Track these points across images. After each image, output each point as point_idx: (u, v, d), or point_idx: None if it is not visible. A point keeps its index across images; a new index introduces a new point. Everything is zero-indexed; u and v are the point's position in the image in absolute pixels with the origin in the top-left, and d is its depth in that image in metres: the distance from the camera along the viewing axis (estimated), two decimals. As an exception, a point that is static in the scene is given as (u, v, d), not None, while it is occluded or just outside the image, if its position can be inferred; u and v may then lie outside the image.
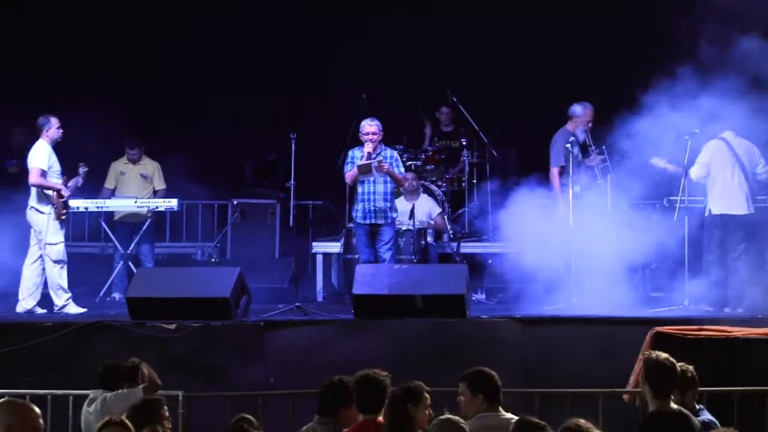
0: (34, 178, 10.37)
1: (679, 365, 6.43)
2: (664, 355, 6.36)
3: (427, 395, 6.00)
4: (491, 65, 13.14)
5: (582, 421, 5.27)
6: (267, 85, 13.68)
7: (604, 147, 10.66)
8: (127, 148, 12.24)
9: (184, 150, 12.97)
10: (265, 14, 13.73)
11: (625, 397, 8.05)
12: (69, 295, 10.36)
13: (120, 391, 7.00)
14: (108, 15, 13.43)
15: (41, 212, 10.37)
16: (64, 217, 10.42)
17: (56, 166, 10.48)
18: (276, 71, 13.63)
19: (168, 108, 13.28)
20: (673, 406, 6.22)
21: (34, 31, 13.48)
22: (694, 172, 10.22)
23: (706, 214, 10.21)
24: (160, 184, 12.25)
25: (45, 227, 10.35)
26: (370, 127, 10.53)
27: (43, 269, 10.37)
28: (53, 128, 10.45)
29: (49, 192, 10.36)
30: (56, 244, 10.36)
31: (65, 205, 10.43)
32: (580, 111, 10.88)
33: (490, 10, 13.45)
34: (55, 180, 10.45)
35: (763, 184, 10.39)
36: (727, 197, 10.15)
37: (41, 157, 10.37)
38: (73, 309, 10.28)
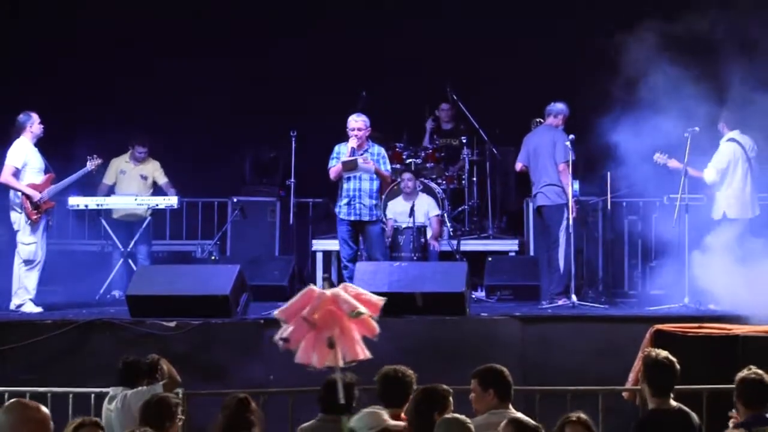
0: (3, 175, 10.30)
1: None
2: (663, 353, 6.34)
3: (450, 400, 5.94)
4: (491, 64, 13.12)
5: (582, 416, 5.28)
6: (267, 82, 13.66)
7: None
8: (137, 145, 11.99)
9: (185, 148, 12.97)
10: (265, 12, 13.73)
11: (625, 394, 8.06)
12: (30, 296, 10.23)
13: (140, 388, 6.98)
14: (108, 15, 13.43)
15: (17, 211, 10.34)
16: (35, 218, 10.28)
17: (35, 163, 10.42)
18: (276, 69, 13.61)
19: (168, 106, 13.25)
20: (673, 403, 6.19)
21: (32, 30, 13.47)
22: (710, 176, 10.13)
23: (720, 216, 10.13)
24: (162, 179, 12.06)
25: (19, 226, 10.33)
26: (355, 122, 10.35)
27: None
28: (35, 124, 10.40)
29: (19, 192, 10.31)
30: (28, 244, 10.29)
31: (36, 207, 10.29)
32: (565, 109, 10.86)
33: (490, 9, 13.44)
34: (34, 177, 10.38)
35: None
36: (742, 201, 10.14)
37: (16, 155, 10.33)
38: (29, 308, 10.16)
